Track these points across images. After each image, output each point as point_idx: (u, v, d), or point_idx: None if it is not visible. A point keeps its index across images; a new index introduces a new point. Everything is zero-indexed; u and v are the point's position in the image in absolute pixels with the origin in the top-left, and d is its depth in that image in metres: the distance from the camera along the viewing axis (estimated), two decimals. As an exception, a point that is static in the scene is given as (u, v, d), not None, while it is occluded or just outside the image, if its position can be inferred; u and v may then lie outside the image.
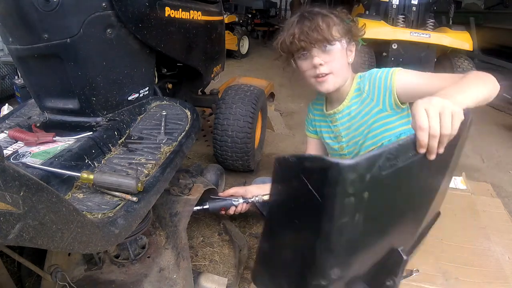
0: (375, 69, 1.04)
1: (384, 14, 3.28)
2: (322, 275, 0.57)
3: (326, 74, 0.99)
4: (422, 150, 0.56)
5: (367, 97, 1.04)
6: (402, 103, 0.99)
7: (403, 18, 3.19)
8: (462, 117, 0.57)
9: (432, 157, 0.57)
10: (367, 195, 0.53)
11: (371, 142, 1.05)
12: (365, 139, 1.06)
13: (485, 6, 4.95)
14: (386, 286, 0.74)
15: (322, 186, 0.50)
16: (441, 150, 0.57)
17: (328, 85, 1.01)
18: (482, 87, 0.71)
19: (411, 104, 0.82)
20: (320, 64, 0.97)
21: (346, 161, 0.49)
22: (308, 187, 0.52)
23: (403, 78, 0.96)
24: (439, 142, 0.56)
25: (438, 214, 0.97)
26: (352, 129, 1.09)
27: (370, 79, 1.03)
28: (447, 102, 0.57)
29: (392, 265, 0.72)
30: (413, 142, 0.56)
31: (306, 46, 0.97)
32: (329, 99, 1.15)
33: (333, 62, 0.98)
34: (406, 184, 0.60)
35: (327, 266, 0.57)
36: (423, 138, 0.55)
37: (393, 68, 0.99)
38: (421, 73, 0.95)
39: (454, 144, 0.62)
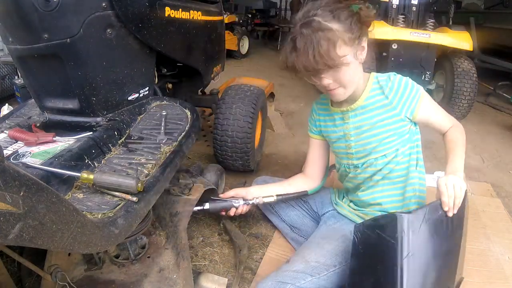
0: (397, 75, 1.06)
1: (384, 14, 3.27)
2: None
3: (337, 87, 1.00)
4: (446, 209, 0.88)
5: (386, 99, 1.05)
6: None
7: (403, 18, 3.17)
8: (465, 187, 0.89)
9: (451, 213, 0.88)
10: (418, 233, 0.82)
11: (383, 148, 1.08)
12: (379, 144, 1.08)
13: (485, 6, 4.95)
14: None
15: (393, 231, 0.80)
16: (456, 210, 0.89)
17: (339, 96, 1.03)
18: (464, 154, 1.04)
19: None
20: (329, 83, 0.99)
21: (407, 213, 0.81)
22: (383, 236, 0.83)
23: (427, 108, 1.05)
24: (454, 204, 0.88)
25: (461, 279, 1.09)
26: (363, 130, 1.09)
27: (394, 83, 1.04)
28: (457, 179, 0.90)
29: None
30: (439, 205, 0.89)
31: (313, 73, 0.96)
32: None
33: (343, 77, 0.97)
34: (440, 233, 0.89)
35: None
36: (449, 201, 0.87)
37: (419, 87, 1.05)
38: (437, 109, 1.09)
39: (462, 208, 0.93)
